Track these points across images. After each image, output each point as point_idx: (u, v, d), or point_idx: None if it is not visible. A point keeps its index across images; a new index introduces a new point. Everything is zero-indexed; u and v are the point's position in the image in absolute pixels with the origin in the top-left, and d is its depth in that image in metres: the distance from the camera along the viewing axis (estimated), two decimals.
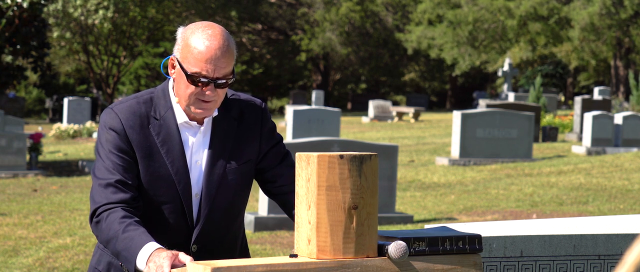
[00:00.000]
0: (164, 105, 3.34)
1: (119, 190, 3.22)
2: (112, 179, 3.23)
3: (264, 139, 3.44)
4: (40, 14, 21.51)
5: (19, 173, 16.89)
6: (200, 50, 3.20)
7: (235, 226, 3.46)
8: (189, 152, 3.33)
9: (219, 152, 3.34)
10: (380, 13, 54.70)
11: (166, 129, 3.31)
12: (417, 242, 2.85)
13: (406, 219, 11.26)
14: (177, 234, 3.32)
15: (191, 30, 3.26)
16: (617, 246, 3.76)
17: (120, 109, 3.31)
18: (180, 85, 3.27)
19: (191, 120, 3.33)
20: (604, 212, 11.74)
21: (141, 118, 3.30)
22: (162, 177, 3.27)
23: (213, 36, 3.21)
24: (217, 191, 3.33)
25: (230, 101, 3.42)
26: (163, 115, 3.32)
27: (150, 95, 3.37)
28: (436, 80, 61.03)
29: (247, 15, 54.13)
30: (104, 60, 42.99)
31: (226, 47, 3.22)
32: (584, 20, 40.12)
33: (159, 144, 3.29)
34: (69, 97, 33.46)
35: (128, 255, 3.09)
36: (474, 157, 17.80)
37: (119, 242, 3.12)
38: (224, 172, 3.34)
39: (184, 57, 3.24)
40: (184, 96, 3.26)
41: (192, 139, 3.34)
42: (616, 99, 34.72)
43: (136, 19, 42.92)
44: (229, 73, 3.25)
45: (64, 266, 8.66)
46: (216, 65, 3.20)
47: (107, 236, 3.17)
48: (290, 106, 29.70)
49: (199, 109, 3.27)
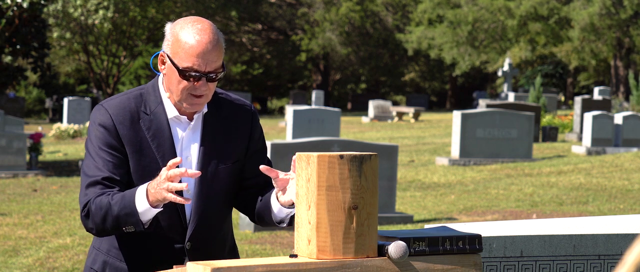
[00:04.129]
0: (154, 100, 3.35)
1: (105, 187, 3.23)
2: (99, 176, 3.24)
3: (252, 142, 3.46)
4: (40, 14, 21.49)
5: (19, 173, 16.89)
6: (191, 44, 3.21)
7: (226, 224, 3.49)
8: (179, 146, 3.35)
9: (209, 150, 3.36)
10: (380, 13, 54.69)
11: (157, 124, 3.32)
12: (417, 242, 2.85)
13: (406, 219, 11.26)
14: (170, 230, 3.34)
15: (180, 25, 3.26)
16: (617, 246, 3.76)
17: (110, 105, 3.32)
18: (172, 81, 3.28)
19: (181, 115, 3.35)
20: (604, 212, 11.74)
21: (131, 113, 3.31)
22: (153, 171, 3.27)
23: (203, 30, 3.23)
24: (210, 188, 3.35)
25: (220, 100, 3.43)
26: (153, 111, 3.33)
27: (140, 91, 3.38)
28: (436, 81, 61.03)
29: (247, 15, 54.11)
30: (104, 60, 42.99)
31: (216, 41, 3.24)
32: (584, 20, 40.11)
33: (149, 138, 3.30)
34: (69, 97, 33.46)
35: (128, 210, 3.14)
36: (474, 157, 17.80)
37: (113, 209, 3.16)
38: (216, 170, 3.36)
39: (174, 53, 3.25)
40: (176, 91, 3.27)
41: (181, 134, 3.36)
42: (616, 99, 34.72)
43: (136, 19, 42.92)
44: (219, 67, 3.27)
45: (64, 266, 8.66)
46: (207, 60, 3.22)
47: (101, 215, 3.19)
48: (290, 106, 29.69)
49: (190, 104, 3.28)
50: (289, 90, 56.85)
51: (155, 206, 3.14)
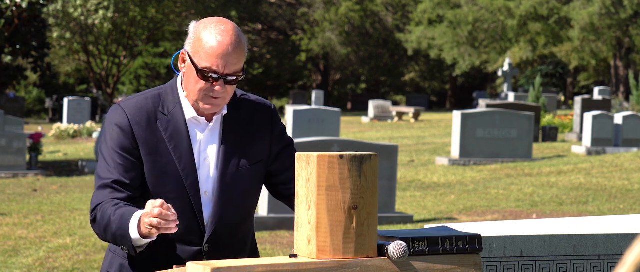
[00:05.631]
0: (172, 100, 3.31)
1: (115, 190, 3.20)
2: (110, 179, 3.21)
3: (275, 141, 3.41)
4: (39, 14, 21.49)
5: (19, 173, 16.89)
6: (212, 45, 3.18)
7: (246, 227, 3.43)
8: (197, 148, 3.30)
9: (230, 151, 3.31)
10: (380, 13, 54.70)
11: (174, 124, 3.28)
12: (417, 242, 2.85)
13: (406, 219, 11.26)
14: (187, 233, 3.29)
15: (204, 25, 3.23)
16: (617, 246, 3.76)
17: (128, 105, 3.28)
18: (190, 80, 3.24)
19: (200, 117, 3.30)
20: (604, 212, 11.74)
21: (149, 114, 3.27)
22: (170, 173, 3.24)
23: (225, 32, 3.20)
24: (230, 191, 3.30)
25: (240, 101, 3.39)
26: (171, 111, 3.29)
27: (158, 91, 3.35)
28: (436, 81, 61.04)
29: (247, 15, 54.12)
30: (104, 60, 42.99)
31: (237, 43, 3.21)
32: (584, 20, 40.11)
33: (166, 139, 3.26)
34: (69, 97, 33.47)
35: (122, 232, 3.08)
36: (474, 157, 17.80)
37: (112, 226, 3.11)
38: (237, 171, 3.31)
39: (195, 52, 3.21)
40: (193, 91, 3.24)
41: (200, 135, 3.31)
42: (616, 99, 34.72)
43: (136, 19, 42.90)
44: (240, 70, 3.24)
45: (64, 266, 8.66)
46: (227, 61, 3.19)
47: (103, 226, 3.16)
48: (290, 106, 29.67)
49: (207, 105, 3.24)
50: (289, 90, 56.86)
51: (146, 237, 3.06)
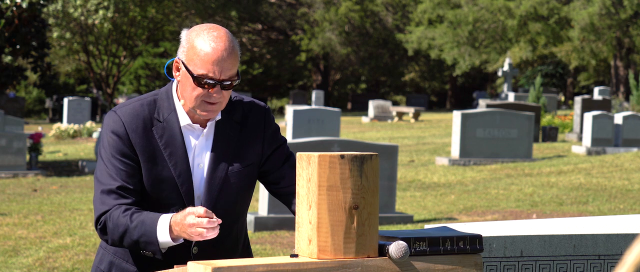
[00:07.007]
0: (167, 107, 3.34)
1: (120, 196, 3.23)
2: (113, 185, 3.24)
3: (266, 142, 3.44)
4: (39, 14, 21.49)
5: (19, 173, 16.89)
6: (207, 52, 3.20)
7: (237, 228, 3.46)
8: (192, 154, 3.34)
9: (221, 155, 3.34)
10: (380, 13, 54.68)
11: (169, 132, 3.31)
12: (418, 242, 2.85)
13: (406, 219, 11.26)
14: None
15: (196, 32, 3.26)
16: (617, 246, 3.76)
17: (123, 112, 3.31)
18: (186, 88, 3.27)
19: (194, 123, 3.34)
20: (604, 212, 11.74)
21: (144, 121, 3.30)
22: (165, 179, 3.28)
23: (219, 38, 3.22)
24: (218, 194, 3.34)
25: (234, 104, 3.42)
26: (166, 118, 3.32)
27: (153, 97, 3.37)
28: (436, 81, 61.02)
29: (247, 15, 54.12)
30: (104, 60, 42.98)
31: (231, 48, 3.23)
32: (584, 20, 40.11)
33: (162, 146, 3.30)
34: (69, 97, 33.46)
35: (147, 238, 3.16)
36: (474, 157, 17.80)
37: (132, 233, 3.17)
38: (226, 175, 3.34)
39: (189, 60, 3.24)
40: (190, 98, 3.26)
41: (194, 142, 3.35)
42: (616, 99, 34.72)
43: (136, 19, 42.90)
44: (234, 75, 3.26)
45: (64, 266, 8.66)
46: (222, 67, 3.21)
47: (118, 234, 3.21)
48: (290, 106, 29.69)
49: (204, 111, 3.27)
50: (288, 90, 56.84)
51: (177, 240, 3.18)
